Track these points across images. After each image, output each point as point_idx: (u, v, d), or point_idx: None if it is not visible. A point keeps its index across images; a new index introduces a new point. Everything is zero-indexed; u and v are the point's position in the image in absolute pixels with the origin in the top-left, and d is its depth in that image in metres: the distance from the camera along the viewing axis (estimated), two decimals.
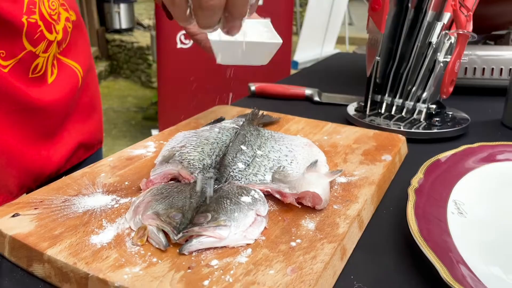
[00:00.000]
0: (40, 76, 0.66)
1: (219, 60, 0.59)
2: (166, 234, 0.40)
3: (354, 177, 0.53)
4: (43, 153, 0.71)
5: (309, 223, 0.43)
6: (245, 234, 0.40)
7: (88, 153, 0.82)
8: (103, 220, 0.43)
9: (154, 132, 3.09)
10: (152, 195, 0.45)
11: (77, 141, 0.77)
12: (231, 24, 0.45)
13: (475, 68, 0.95)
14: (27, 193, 0.74)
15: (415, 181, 0.52)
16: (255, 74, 2.08)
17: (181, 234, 0.39)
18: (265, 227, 0.42)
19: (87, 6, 4.62)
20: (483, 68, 0.94)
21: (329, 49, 5.08)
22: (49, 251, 0.39)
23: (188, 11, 0.42)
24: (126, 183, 0.51)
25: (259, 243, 0.40)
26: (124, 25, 5.06)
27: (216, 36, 0.59)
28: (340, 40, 5.52)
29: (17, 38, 0.61)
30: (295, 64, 4.45)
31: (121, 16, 4.98)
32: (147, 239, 0.40)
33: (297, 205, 0.45)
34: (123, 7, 5.00)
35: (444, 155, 0.60)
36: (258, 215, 0.43)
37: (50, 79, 0.69)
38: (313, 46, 4.83)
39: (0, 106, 0.63)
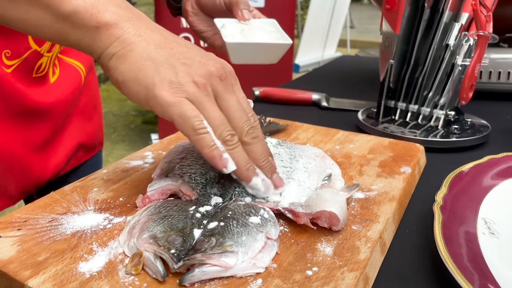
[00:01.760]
0: (42, 76, 0.64)
1: (233, 60, 0.61)
2: (164, 262, 0.35)
3: (372, 192, 0.48)
4: (44, 155, 0.68)
5: (326, 247, 0.38)
6: (255, 262, 0.35)
7: (88, 155, 0.78)
8: (93, 243, 0.38)
9: (154, 136, 3.04)
10: (149, 215, 0.40)
11: (77, 142, 0.74)
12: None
13: (490, 72, 0.90)
14: (25, 201, 0.70)
15: (440, 197, 0.47)
16: (256, 77, 2.03)
17: (181, 263, 0.34)
18: (276, 253, 0.37)
19: None
20: (499, 72, 0.90)
21: (331, 52, 5.04)
22: (31, 281, 0.34)
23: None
24: (121, 199, 0.46)
25: (271, 271, 0.35)
26: None
27: (231, 37, 0.58)
28: (342, 43, 5.48)
29: (22, 36, 0.58)
30: (297, 67, 4.41)
31: None
32: (142, 267, 0.35)
33: (312, 227, 0.40)
34: None
35: (467, 167, 0.55)
36: (268, 238, 0.38)
37: (52, 79, 0.66)
38: (314, 49, 4.79)
39: (1, 109, 0.60)
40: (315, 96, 0.88)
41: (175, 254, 0.35)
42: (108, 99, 3.97)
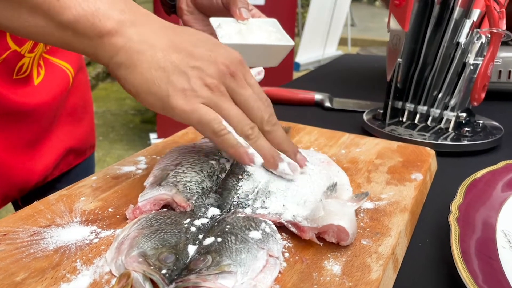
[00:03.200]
0: (25, 77, 0.60)
1: None
2: (154, 284, 0.31)
3: (382, 201, 0.45)
4: (29, 160, 0.64)
5: (333, 265, 0.35)
6: (255, 283, 0.32)
7: (79, 159, 0.75)
8: (77, 261, 0.35)
9: (152, 135, 3.00)
10: (139, 228, 0.37)
11: (66, 146, 0.70)
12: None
13: (500, 71, 0.87)
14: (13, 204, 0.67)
15: (455, 207, 0.44)
16: None
17: (173, 285, 0.30)
18: (279, 272, 0.34)
19: None
20: (510, 71, 0.86)
21: (331, 50, 5.01)
22: None
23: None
24: (110, 209, 0.43)
25: None
26: None
27: (227, 38, 0.53)
28: (342, 42, 5.45)
29: (0, 36, 0.54)
30: (297, 65, 4.38)
31: None
32: None
33: (318, 243, 0.36)
34: None
35: (481, 173, 0.51)
36: (270, 255, 0.34)
37: (36, 81, 0.62)
38: (315, 48, 4.76)
39: None
40: (318, 96, 0.84)
41: (167, 275, 0.31)
42: (106, 98, 3.94)
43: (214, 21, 0.58)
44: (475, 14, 0.65)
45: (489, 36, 0.63)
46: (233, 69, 0.41)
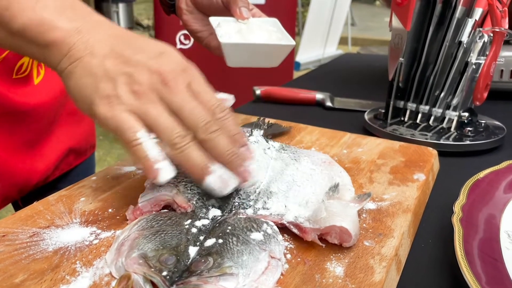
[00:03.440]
0: (25, 77, 0.60)
1: (229, 62, 0.55)
2: (155, 286, 0.31)
3: (384, 202, 0.44)
4: (29, 160, 0.64)
5: (336, 267, 0.34)
6: (257, 285, 0.31)
7: (79, 159, 0.74)
8: (77, 262, 0.35)
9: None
10: (140, 229, 0.36)
11: (66, 146, 0.70)
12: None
13: (502, 71, 0.86)
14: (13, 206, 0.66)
15: (458, 208, 0.43)
16: (255, 75, 1.99)
17: (174, 287, 0.30)
18: (281, 273, 0.33)
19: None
20: (511, 70, 0.86)
21: (332, 49, 5.00)
22: None
23: None
24: (110, 210, 0.42)
25: None
26: (122, 25, 4.96)
27: (226, 38, 0.53)
28: (343, 41, 5.44)
29: None
30: (297, 65, 4.37)
31: (119, 16, 4.90)
32: None
33: (321, 244, 0.36)
34: (121, 7, 4.91)
35: (484, 173, 0.51)
36: (272, 257, 0.34)
37: (36, 80, 0.62)
38: (315, 47, 4.75)
39: None
40: (319, 96, 0.84)
41: (168, 277, 0.31)
42: None
43: (213, 20, 0.57)
44: (478, 13, 0.65)
45: (492, 35, 0.63)
46: (166, 76, 0.38)
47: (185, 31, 2.38)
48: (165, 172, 0.38)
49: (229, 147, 0.39)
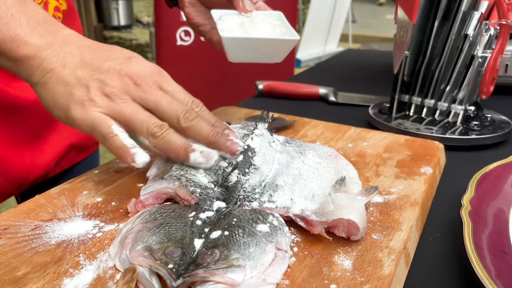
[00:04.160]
0: None
1: (230, 58, 0.53)
2: (161, 278, 0.30)
3: (392, 195, 0.44)
4: (28, 156, 0.63)
5: (344, 260, 0.34)
6: (264, 277, 0.31)
7: (81, 156, 0.74)
8: (80, 255, 0.34)
9: None
10: (143, 222, 0.36)
11: (67, 142, 0.69)
12: None
13: (507, 65, 0.85)
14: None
15: (467, 201, 0.43)
16: (256, 72, 1.98)
17: (181, 280, 0.29)
18: (288, 266, 0.33)
19: (85, 2, 4.51)
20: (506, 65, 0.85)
21: (332, 46, 4.99)
22: None
23: None
24: (113, 203, 0.42)
25: None
26: (122, 22, 4.96)
27: (228, 31, 0.51)
28: (343, 38, 5.42)
29: None
30: (298, 62, 4.36)
31: (119, 13, 4.88)
32: (136, 285, 0.30)
33: (328, 237, 0.35)
34: (121, 3, 4.89)
35: (491, 167, 0.50)
36: (279, 249, 0.33)
37: None
38: (315, 44, 4.73)
39: None
40: (322, 91, 0.83)
41: (174, 270, 0.30)
42: None
43: (215, 13, 0.55)
44: (484, 5, 0.64)
45: (498, 28, 0.62)
46: (137, 79, 0.41)
47: (186, 28, 2.38)
48: (141, 155, 0.40)
49: (211, 128, 0.42)
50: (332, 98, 0.82)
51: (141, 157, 0.40)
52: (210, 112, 0.44)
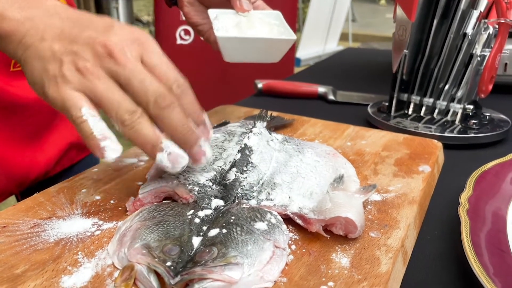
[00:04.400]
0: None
1: (226, 57, 0.52)
2: (159, 276, 0.30)
3: (390, 193, 0.44)
4: (28, 154, 0.63)
5: (341, 258, 0.34)
6: (262, 275, 0.31)
7: (82, 154, 0.74)
8: (79, 253, 0.34)
9: None
10: (142, 220, 0.36)
11: (68, 141, 0.69)
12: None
13: (506, 64, 0.85)
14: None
15: (465, 199, 0.43)
16: (256, 71, 1.98)
17: (179, 278, 0.29)
18: (286, 264, 0.33)
19: (84, 1, 4.51)
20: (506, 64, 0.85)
21: (332, 45, 4.99)
22: None
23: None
24: (112, 201, 0.42)
25: (280, 287, 0.31)
26: (122, 21, 4.95)
27: (223, 31, 0.51)
28: (343, 37, 5.42)
29: None
30: (298, 61, 4.36)
31: (119, 12, 4.88)
32: (134, 282, 0.31)
33: (325, 235, 0.35)
34: (121, 2, 4.89)
35: (489, 165, 0.50)
36: (276, 246, 0.33)
37: None
38: (315, 43, 4.73)
39: None
40: (321, 89, 0.83)
41: (172, 267, 0.30)
42: None
43: (212, 12, 0.55)
44: (483, 4, 0.64)
45: (497, 26, 0.62)
46: (113, 49, 0.36)
47: (185, 27, 2.38)
48: (111, 150, 0.36)
49: (183, 122, 0.37)
50: (331, 97, 0.82)
51: (111, 153, 0.36)
52: (194, 98, 0.38)
